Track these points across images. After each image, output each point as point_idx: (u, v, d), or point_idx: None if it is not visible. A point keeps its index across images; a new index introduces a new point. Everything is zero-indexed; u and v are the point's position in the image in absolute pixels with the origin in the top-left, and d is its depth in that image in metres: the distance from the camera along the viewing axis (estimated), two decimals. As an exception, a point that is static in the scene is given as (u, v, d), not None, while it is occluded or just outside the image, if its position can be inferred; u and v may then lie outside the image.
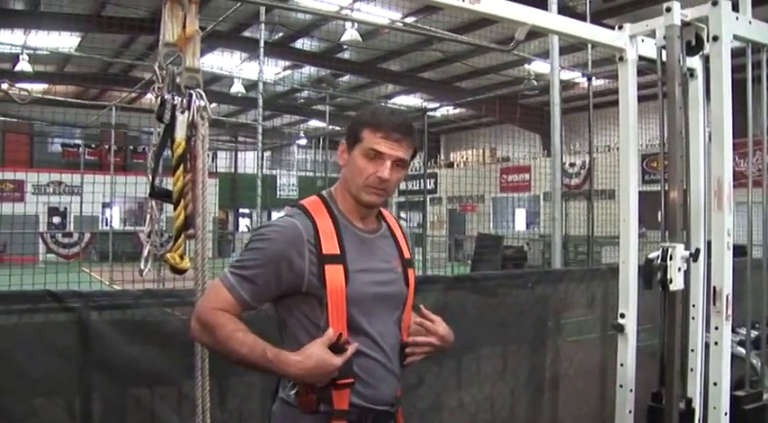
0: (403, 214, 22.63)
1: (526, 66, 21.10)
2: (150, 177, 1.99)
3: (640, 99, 3.28)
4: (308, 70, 23.87)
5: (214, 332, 2.04)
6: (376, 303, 2.17)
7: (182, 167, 1.98)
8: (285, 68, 24.30)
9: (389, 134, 2.15)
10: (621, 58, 3.19)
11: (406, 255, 2.34)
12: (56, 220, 25.86)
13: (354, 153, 2.18)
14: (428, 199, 16.60)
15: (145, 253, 1.99)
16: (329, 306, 2.08)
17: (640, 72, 3.25)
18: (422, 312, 2.30)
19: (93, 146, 27.51)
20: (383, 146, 2.14)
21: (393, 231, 2.36)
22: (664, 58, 2.99)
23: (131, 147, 28.66)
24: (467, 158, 29.99)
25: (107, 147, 23.44)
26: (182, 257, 1.98)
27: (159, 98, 2.01)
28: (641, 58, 3.22)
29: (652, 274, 2.82)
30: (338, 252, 2.12)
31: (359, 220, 2.24)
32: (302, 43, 21.15)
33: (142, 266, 1.99)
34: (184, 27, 2.10)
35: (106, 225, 21.40)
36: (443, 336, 2.28)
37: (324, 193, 2.29)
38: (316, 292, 2.09)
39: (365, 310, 2.14)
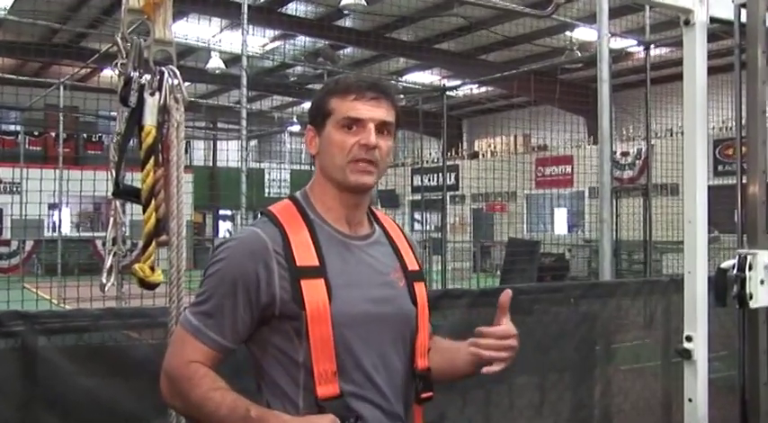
0: (417, 215, 22.66)
1: (567, 33, 21.10)
2: (114, 172, 1.99)
3: (711, 71, 3.26)
4: (302, 41, 23.91)
5: (187, 394, 2.00)
6: (370, 327, 2.11)
7: (152, 160, 1.98)
8: (273, 39, 24.34)
9: (363, 94, 2.13)
10: (688, 22, 3.16)
11: (412, 266, 2.29)
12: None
13: (327, 131, 2.16)
14: (448, 196, 16.61)
15: (107, 264, 1.99)
16: (310, 332, 2.02)
17: (712, 37, 3.22)
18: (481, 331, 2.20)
19: (35, 133, 27.61)
20: (360, 109, 2.12)
21: (391, 237, 2.31)
22: (743, 19, 2.97)
23: (84, 135, 28.75)
24: (494, 147, 29.98)
25: (54, 134, 23.54)
26: (152, 269, 1.98)
27: (123, 77, 2.01)
28: (713, 19, 3.19)
29: (726, 288, 2.81)
30: (317, 263, 2.07)
31: (343, 223, 2.20)
32: (294, 8, 21.18)
33: (104, 280, 1.99)
34: (153, -12, 2.10)
35: (53, 231, 21.46)
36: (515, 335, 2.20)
37: (298, 194, 2.25)
38: (291, 315, 2.04)
39: (356, 336, 2.08)
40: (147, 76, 2.08)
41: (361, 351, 2.08)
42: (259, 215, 2.22)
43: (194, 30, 21.81)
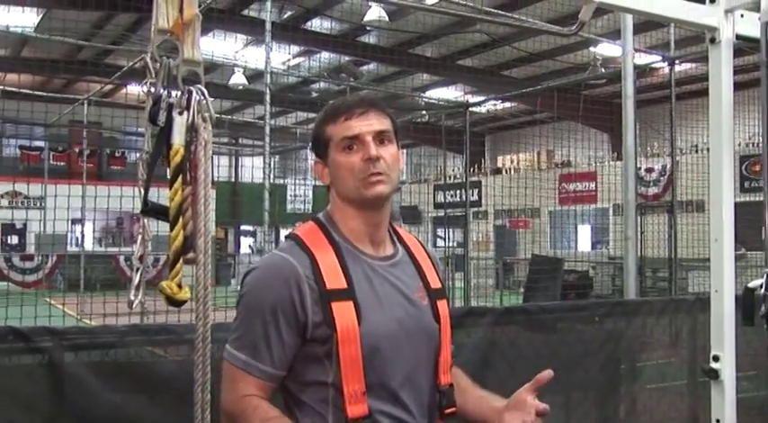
0: (440, 232, 22.64)
1: (591, 49, 21.07)
2: (143, 190, 2.01)
3: (737, 87, 3.24)
4: (325, 57, 24.02)
5: None
6: (397, 346, 2.16)
7: (180, 179, 2.00)
8: (296, 55, 24.46)
9: (351, 111, 2.19)
10: (714, 39, 3.15)
11: (434, 284, 2.33)
12: (12, 239, 26.15)
13: (332, 158, 2.22)
14: (471, 213, 16.59)
15: (135, 280, 2.00)
16: (340, 354, 2.08)
17: (737, 52, 3.20)
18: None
19: (59, 149, 27.87)
20: (353, 126, 2.18)
21: (414, 256, 2.35)
22: (770, 36, 2.95)
23: (107, 150, 28.99)
24: (517, 163, 29.94)
25: (77, 150, 23.73)
26: (179, 286, 1.99)
27: (152, 96, 2.03)
28: (739, 37, 3.18)
29: (754, 307, 2.79)
30: (345, 285, 2.12)
31: (368, 245, 2.25)
32: (318, 24, 21.28)
33: (132, 296, 2.01)
34: (181, 9, 2.12)
35: (76, 246, 21.61)
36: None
37: (321, 216, 2.30)
38: (322, 338, 2.09)
39: (384, 356, 2.13)
40: (176, 95, 2.09)
41: (388, 370, 2.13)
42: (283, 239, 2.29)
43: (217, 46, 21.91)
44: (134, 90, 20.77)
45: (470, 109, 16.41)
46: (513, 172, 28.34)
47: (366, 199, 2.19)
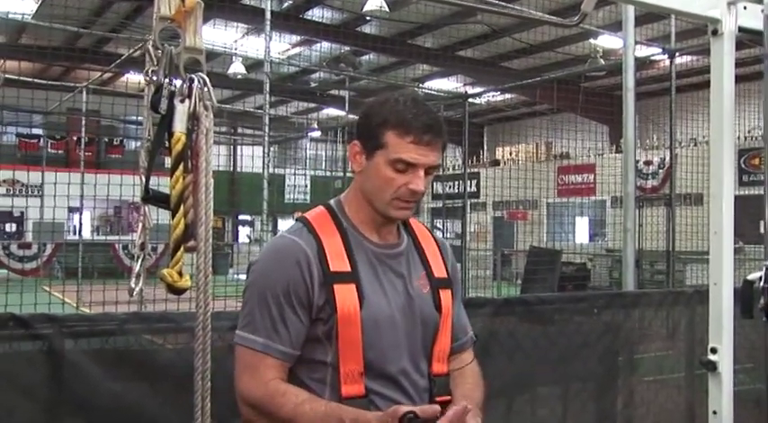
0: (438, 223, 22.63)
1: (591, 40, 21.03)
2: (144, 178, 2.01)
3: (738, 79, 3.23)
4: (324, 47, 23.96)
5: (275, 414, 2.09)
6: (396, 331, 2.20)
7: (181, 167, 2.00)
8: (295, 45, 24.41)
9: (420, 138, 2.15)
10: (716, 32, 3.14)
11: (439, 273, 2.35)
12: (9, 227, 26.11)
13: (377, 161, 2.19)
14: (469, 204, 16.58)
15: (136, 268, 2.01)
16: (339, 334, 2.12)
17: (739, 44, 3.19)
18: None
19: (57, 137, 27.79)
20: (414, 153, 2.15)
21: (420, 244, 2.38)
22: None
23: (105, 138, 28.90)
24: (516, 155, 29.91)
25: (75, 138, 23.66)
26: (180, 274, 1.99)
27: (153, 84, 2.03)
28: (742, 29, 3.16)
29: (753, 300, 2.80)
30: (349, 269, 2.16)
31: (374, 233, 2.28)
32: (317, 14, 21.22)
33: (132, 284, 2.01)
34: (183, -3, 2.12)
35: (74, 234, 21.56)
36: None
37: (332, 202, 2.33)
38: (324, 318, 2.14)
39: (383, 339, 2.17)
40: (177, 83, 2.09)
41: (387, 354, 2.17)
42: (295, 222, 2.32)
43: (215, 35, 21.82)
44: (133, 78, 20.72)
45: (469, 100, 16.37)
46: (511, 163, 28.28)
47: (390, 217, 2.24)
